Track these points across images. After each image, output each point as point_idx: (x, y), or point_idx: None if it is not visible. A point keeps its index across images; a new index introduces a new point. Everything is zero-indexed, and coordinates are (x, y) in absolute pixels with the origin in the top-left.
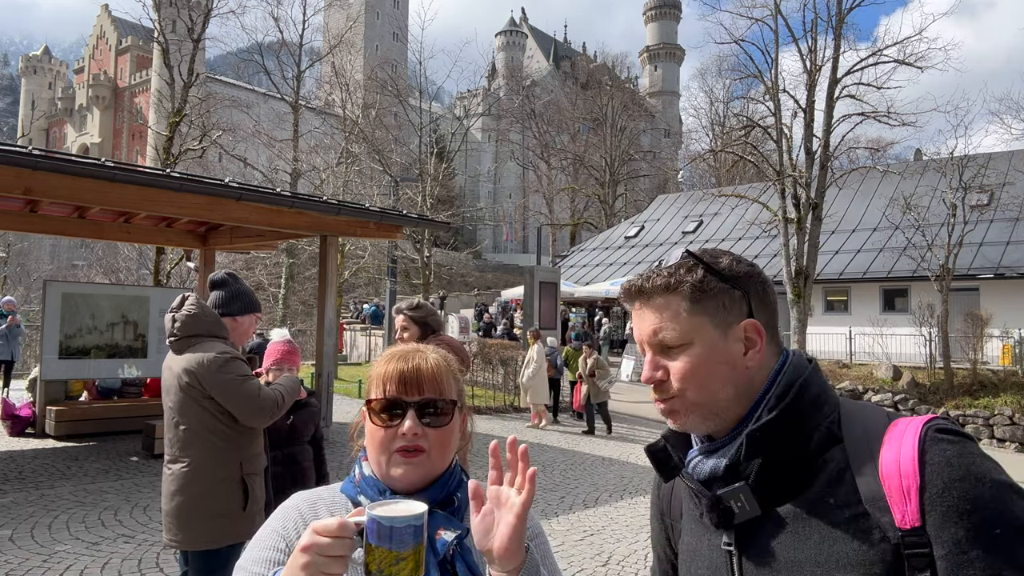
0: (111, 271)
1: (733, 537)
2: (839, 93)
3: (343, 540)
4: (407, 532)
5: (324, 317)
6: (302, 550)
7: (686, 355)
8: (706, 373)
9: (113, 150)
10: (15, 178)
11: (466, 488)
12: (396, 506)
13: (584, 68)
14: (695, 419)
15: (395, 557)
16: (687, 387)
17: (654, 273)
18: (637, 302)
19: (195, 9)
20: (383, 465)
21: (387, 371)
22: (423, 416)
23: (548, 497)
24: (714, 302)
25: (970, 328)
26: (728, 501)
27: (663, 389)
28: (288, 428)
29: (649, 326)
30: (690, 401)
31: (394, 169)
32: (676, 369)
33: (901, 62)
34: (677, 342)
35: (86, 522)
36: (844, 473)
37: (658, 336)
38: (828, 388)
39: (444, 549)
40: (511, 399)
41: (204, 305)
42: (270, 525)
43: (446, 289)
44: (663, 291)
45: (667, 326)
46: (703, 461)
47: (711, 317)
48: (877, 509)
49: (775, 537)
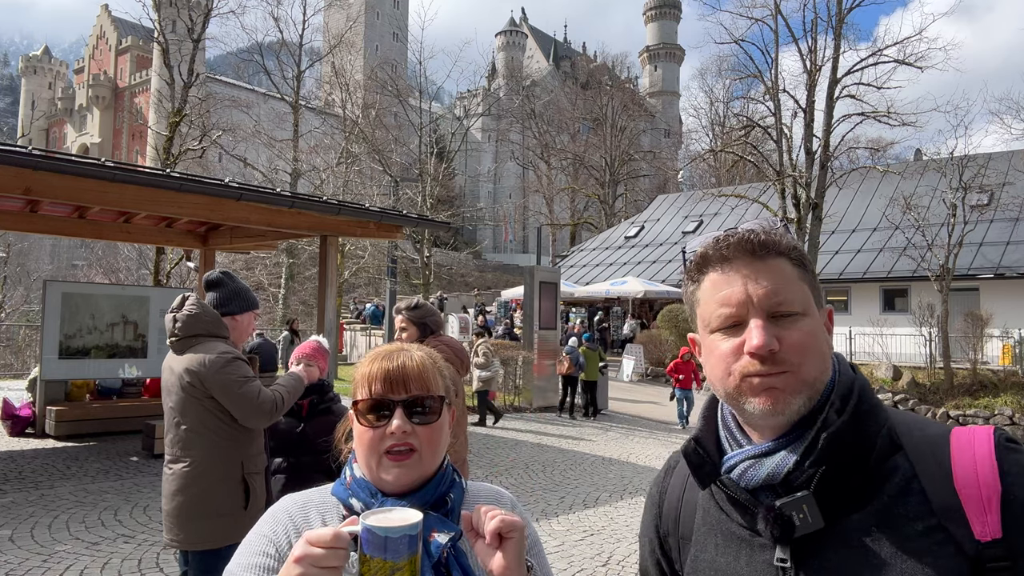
0: (111, 271)
1: (789, 553)
2: (839, 93)
3: (337, 551)
4: (402, 542)
5: (324, 317)
6: (295, 561)
7: (801, 325)
8: (818, 349)
9: (113, 150)
10: (15, 178)
11: (459, 488)
12: (391, 514)
13: (584, 68)
14: (799, 401)
15: (391, 568)
16: (803, 360)
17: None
18: (744, 259)
19: (195, 9)
20: (373, 468)
21: (372, 371)
22: (411, 414)
23: (548, 497)
24: (812, 276)
25: (970, 328)
26: (789, 512)
27: (775, 360)
28: (298, 436)
29: (764, 287)
30: (803, 378)
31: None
32: (793, 339)
33: (901, 62)
34: (795, 309)
35: (86, 522)
36: (911, 482)
37: (777, 298)
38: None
39: (438, 552)
40: (511, 399)
41: (205, 305)
42: (259, 530)
43: (446, 289)
44: (779, 253)
45: (787, 288)
46: (756, 465)
47: (812, 291)
48: (952, 521)
49: (838, 552)
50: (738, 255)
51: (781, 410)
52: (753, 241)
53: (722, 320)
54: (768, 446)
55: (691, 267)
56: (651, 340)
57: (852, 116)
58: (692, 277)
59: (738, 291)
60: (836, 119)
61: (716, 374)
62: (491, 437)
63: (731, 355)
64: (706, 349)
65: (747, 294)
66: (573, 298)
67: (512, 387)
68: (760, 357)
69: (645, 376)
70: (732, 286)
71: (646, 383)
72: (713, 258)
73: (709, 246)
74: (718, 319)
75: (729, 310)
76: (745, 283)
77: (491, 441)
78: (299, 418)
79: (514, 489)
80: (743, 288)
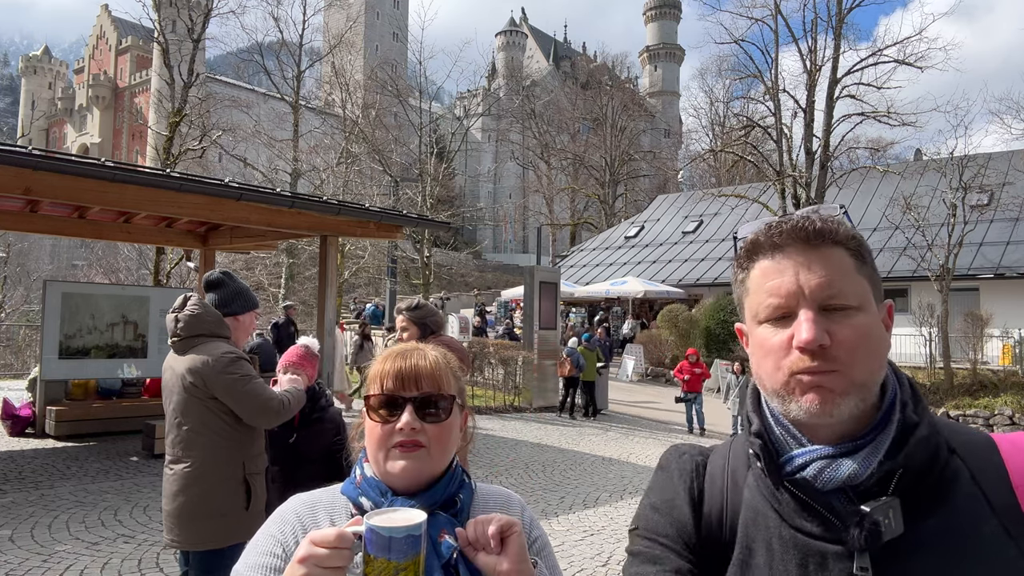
0: (111, 271)
1: (869, 561)
2: (839, 93)
3: (341, 551)
4: (406, 542)
5: (324, 317)
6: (299, 561)
7: (855, 320)
8: (874, 347)
9: (113, 150)
10: (15, 178)
11: (468, 489)
12: (395, 515)
13: (584, 68)
14: (848, 403)
15: (394, 568)
16: (855, 359)
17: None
18: (798, 247)
19: (195, 9)
20: (381, 462)
21: (385, 368)
22: (421, 412)
23: (548, 497)
24: (873, 269)
25: (970, 328)
26: (878, 517)
27: (825, 356)
28: (291, 445)
29: (818, 277)
30: (854, 379)
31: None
32: (845, 335)
33: (901, 62)
34: (852, 303)
35: (86, 522)
36: (972, 487)
37: (830, 290)
38: None
39: (448, 553)
40: (511, 399)
41: (207, 305)
42: (267, 530)
43: (446, 289)
44: (836, 242)
45: (842, 281)
46: (834, 464)
47: (871, 284)
48: (1012, 522)
49: (918, 559)
50: (791, 242)
51: (829, 411)
52: (808, 228)
53: (771, 311)
54: (847, 445)
55: (741, 254)
56: (651, 340)
57: (852, 116)
58: (741, 265)
59: (789, 281)
60: (836, 119)
61: (765, 369)
62: (491, 437)
63: (781, 350)
64: (754, 341)
65: (798, 284)
66: (573, 298)
67: (512, 387)
68: (810, 353)
69: (645, 376)
70: (783, 275)
71: (646, 383)
72: (764, 245)
73: (761, 232)
74: (766, 309)
75: (778, 300)
76: (797, 272)
77: (491, 441)
78: (291, 427)
79: (514, 489)
80: (794, 278)
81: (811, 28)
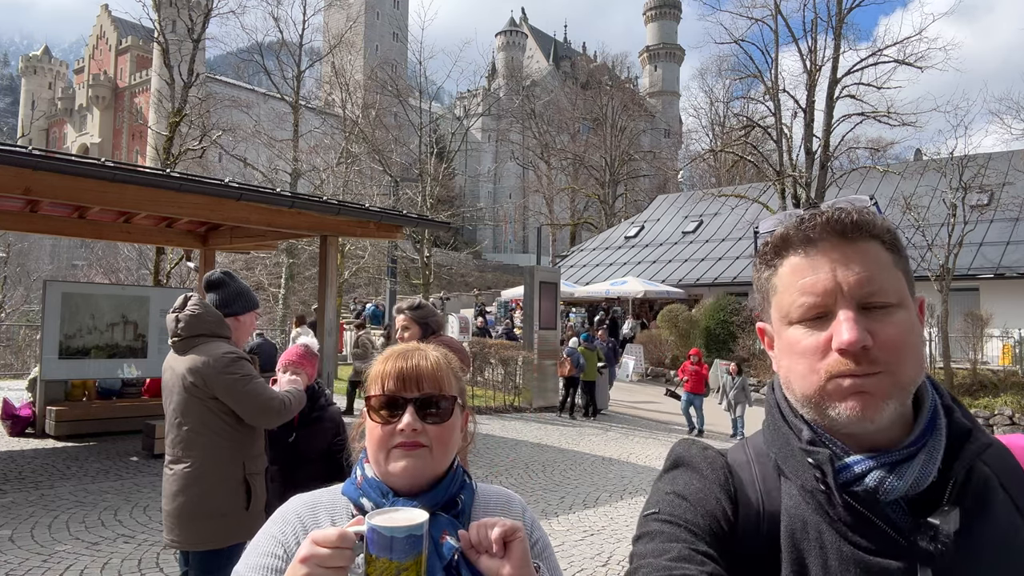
0: (111, 271)
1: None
2: (839, 93)
3: (343, 551)
4: (408, 542)
5: (324, 317)
6: (301, 561)
7: (896, 320)
8: (916, 347)
9: (113, 150)
10: (15, 178)
11: (470, 490)
12: (396, 514)
13: (584, 68)
14: (891, 407)
15: (396, 568)
16: (900, 360)
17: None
18: (832, 240)
19: (195, 9)
20: (382, 463)
21: (386, 369)
22: (422, 413)
23: (548, 497)
24: (907, 263)
25: (970, 328)
26: (946, 528)
27: (869, 359)
28: (291, 444)
29: (857, 274)
30: (898, 380)
31: (394, 169)
32: (888, 335)
33: (901, 62)
34: (892, 300)
35: (86, 522)
36: (999, 491)
37: (871, 287)
38: None
39: (450, 554)
40: (511, 399)
41: (207, 305)
42: (268, 531)
43: (446, 289)
44: (871, 234)
45: (881, 276)
46: (896, 473)
47: (907, 279)
48: None
49: (972, 567)
50: (826, 236)
51: (871, 417)
52: (844, 221)
53: (805, 310)
54: (899, 453)
55: (767, 250)
56: (651, 340)
57: (852, 116)
58: (767, 261)
59: (825, 278)
60: (836, 119)
61: (797, 372)
62: (491, 437)
63: (817, 352)
64: (784, 344)
65: (836, 281)
66: (573, 298)
67: (512, 387)
68: (852, 355)
69: (645, 376)
70: (818, 272)
71: (646, 383)
72: (795, 239)
73: (791, 226)
74: (800, 309)
75: (814, 299)
76: (834, 269)
77: (491, 441)
78: (291, 427)
79: (514, 489)
80: (831, 275)
81: (811, 28)
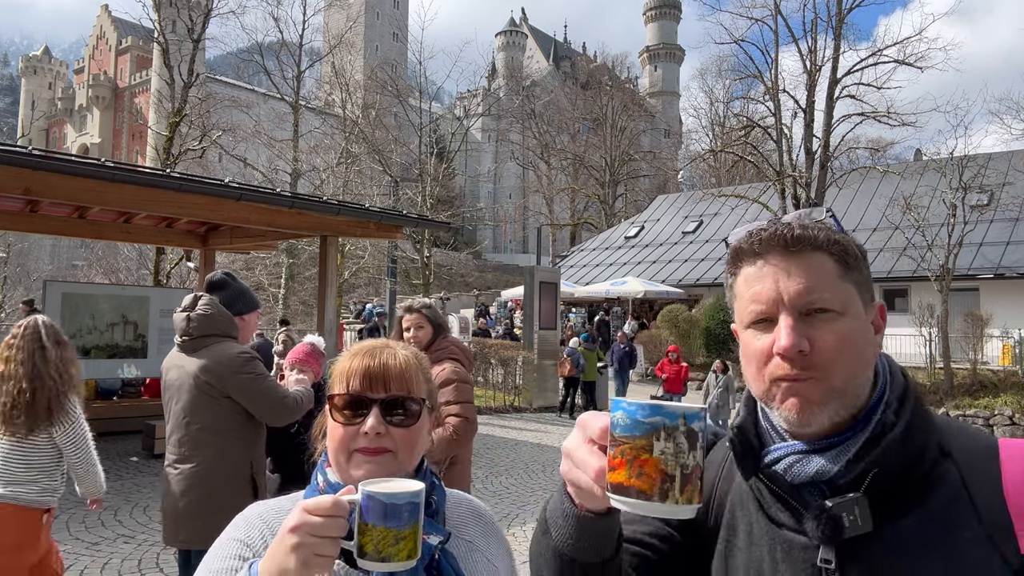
0: (111, 271)
1: (834, 554)
2: (839, 93)
3: (336, 520)
4: (407, 509)
5: (324, 317)
6: (291, 530)
7: (837, 326)
8: (856, 352)
9: (113, 150)
10: (15, 178)
11: (441, 491)
12: (390, 484)
13: (584, 68)
14: (828, 409)
15: (394, 536)
16: (836, 365)
17: (797, 224)
18: (778, 253)
19: (195, 9)
20: (343, 464)
21: (352, 366)
22: (388, 415)
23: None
24: (860, 273)
25: (970, 328)
26: (840, 513)
27: (805, 363)
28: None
29: (798, 284)
30: (832, 385)
31: (394, 169)
32: (825, 341)
33: (901, 62)
34: (833, 307)
35: (86, 522)
36: (960, 491)
37: (810, 297)
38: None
39: (430, 553)
40: (511, 399)
41: (219, 305)
42: (229, 535)
43: (446, 289)
44: (817, 247)
45: (822, 286)
46: (804, 461)
47: (858, 288)
48: (999, 532)
49: (885, 557)
50: (770, 249)
51: (807, 421)
52: (786, 235)
53: (754, 316)
54: (822, 443)
55: (728, 260)
56: (651, 340)
57: (852, 116)
58: (730, 270)
59: (770, 287)
60: (836, 119)
61: (749, 373)
62: (491, 437)
63: (763, 355)
64: (741, 346)
65: (778, 291)
66: (573, 298)
67: (512, 387)
68: (789, 359)
69: (645, 376)
70: (764, 282)
71: (646, 383)
72: (746, 252)
73: (743, 239)
74: (750, 315)
75: (760, 307)
76: (777, 279)
77: (491, 441)
78: (294, 423)
79: (514, 489)
80: (775, 284)
81: (811, 28)
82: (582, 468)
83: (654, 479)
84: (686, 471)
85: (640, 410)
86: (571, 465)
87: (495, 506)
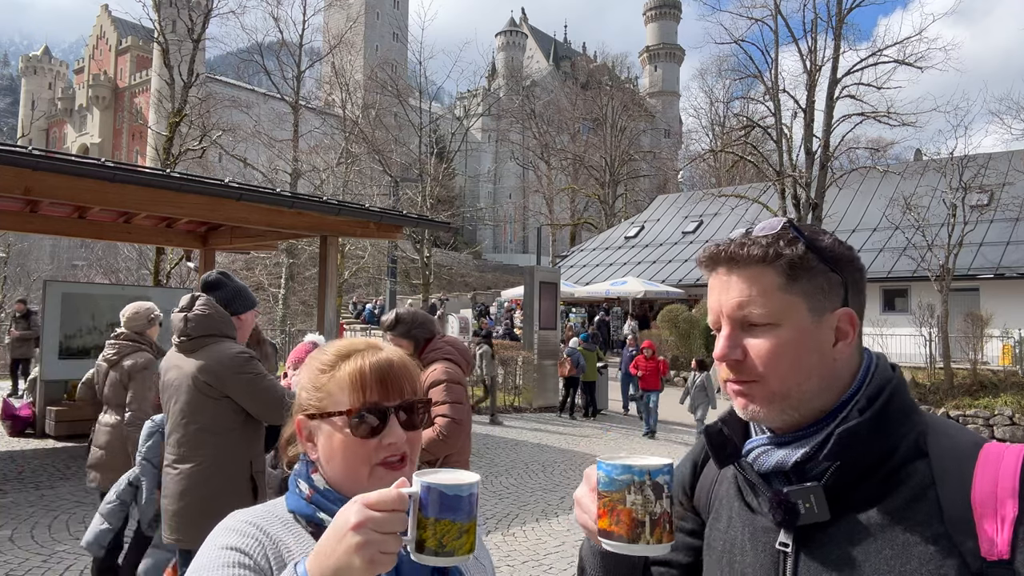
0: (111, 271)
1: (792, 538)
2: (839, 93)
3: (399, 514)
4: (470, 501)
5: (324, 317)
6: (354, 528)
7: (772, 336)
8: (792, 360)
9: (113, 150)
10: (15, 178)
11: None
12: (445, 475)
13: (584, 68)
14: (772, 410)
15: (459, 530)
16: (769, 372)
17: (748, 240)
18: (723, 268)
19: (195, 9)
20: (364, 480)
21: (363, 370)
22: (405, 421)
23: (548, 497)
24: (812, 283)
25: (970, 328)
26: (795, 500)
27: (740, 369)
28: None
29: (734, 298)
30: (771, 389)
31: (394, 169)
32: (759, 350)
33: (901, 62)
34: (764, 320)
35: (86, 522)
36: (927, 490)
37: (743, 311)
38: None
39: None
40: (511, 399)
41: (216, 305)
42: (216, 542)
43: (446, 289)
44: (757, 261)
45: (756, 301)
46: (768, 453)
47: (807, 299)
48: (961, 533)
49: (840, 545)
50: (715, 265)
51: (753, 415)
52: (722, 254)
53: (712, 324)
54: (787, 436)
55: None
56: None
57: (852, 116)
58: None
59: (713, 300)
60: (836, 119)
61: (718, 373)
62: (491, 437)
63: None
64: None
65: (719, 304)
66: (573, 298)
67: (512, 387)
68: (727, 365)
69: None
70: (712, 294)
71: None
72: (704, 265)
73: (699, 257)
74: (710, 323)
75: (711, 317)
76: (719, 293)
77: (491, 441)
78: None
79: (514, 489)
80: (717, 297)
81: (811, 28)
82: (588, 514)
83: (629, 525)
84: (654, 517)
85: (614, 470)
86: (580, 511)
87: (495, 506)
